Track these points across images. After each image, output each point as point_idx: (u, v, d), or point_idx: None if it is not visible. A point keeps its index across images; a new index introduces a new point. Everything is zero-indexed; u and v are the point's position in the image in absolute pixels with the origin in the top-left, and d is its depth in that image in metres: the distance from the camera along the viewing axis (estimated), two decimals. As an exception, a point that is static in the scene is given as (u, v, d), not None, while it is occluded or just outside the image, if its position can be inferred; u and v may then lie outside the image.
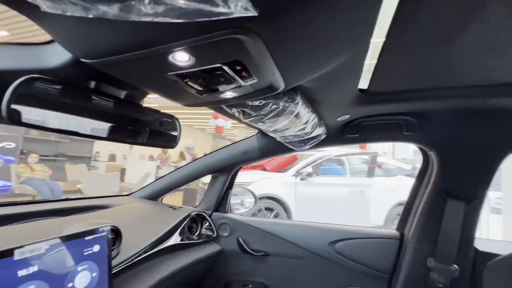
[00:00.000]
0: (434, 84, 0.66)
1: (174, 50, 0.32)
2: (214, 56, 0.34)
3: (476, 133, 0.82)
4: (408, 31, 0.43)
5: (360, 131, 0.93)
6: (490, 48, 0.48)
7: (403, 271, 0.97)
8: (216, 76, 0.40)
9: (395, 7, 0.39)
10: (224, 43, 0.30)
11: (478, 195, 0.86)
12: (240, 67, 0.37)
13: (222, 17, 0.22)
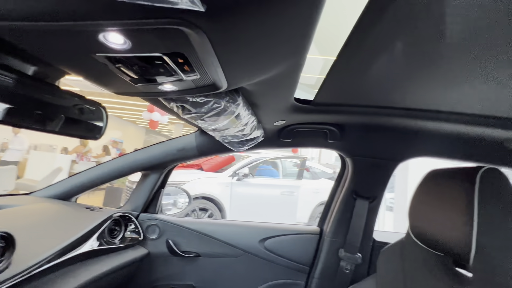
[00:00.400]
0: (358, 102, 0.79)
1: (107, 30, 0.28)
2: (154, 44, 0.32)
3: (380, 145, 1.01)
4: (355, 56, 0.50)
5: (293, 137, 1.02)
6: (397, 77, 0.60)
7: (320, 262, 1.10)
8: (155, 65, 0.37)
9: (347, 34, 0.44)
10: (167, 32, 0.28)
11: (378, 195, 1.06)
12: (182, 60, 0.35)
13: (167, 5, 0.21)
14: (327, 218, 1.18)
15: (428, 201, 0.75)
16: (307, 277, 1.13)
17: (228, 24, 0.30)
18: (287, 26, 0.35)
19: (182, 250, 1.12)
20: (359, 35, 0.42)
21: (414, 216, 0.80)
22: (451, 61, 0.48)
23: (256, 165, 4.35)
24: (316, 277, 1.09)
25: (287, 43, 0.40)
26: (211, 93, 0.51)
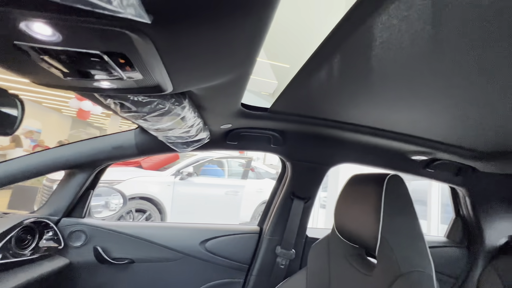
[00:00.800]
0: (303, 112, 0.87)
1: (30, 20, 0.25)
2: (91, 42, 0.29)
3: (315, 151, 1.13)
4: (314, 73, 0.55)
5: (239, 140, 1.05)
6: (342, 96, 0.69)
7: (259, 259, 1.16)
8: (91, 61, 0.34)
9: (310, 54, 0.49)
10: (108, 32, 0.27)
11: (312, 196, 1.18)
12: (124, 61, 0.34)
13: (108, 13, 0.20)
14: (267, 218, 1.25)
15: (349, 202, 0.88)
16: (246, 275, 1.18)
17: (176, 34, 0.30)
18: (235, 41, 0.37)
19: (113, 257, 1.03)
20: (321, 56, 0.48)
21: (338, 215, 0.93)
22: (386, 88, 0.59)
23: (201, 164, 4.26)
24: (254, 274, 1.15)
25: (235, 55, 0.42)
26: (155, 94, 0.49)
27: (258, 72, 8.48)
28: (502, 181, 1.26)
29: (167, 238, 1.11)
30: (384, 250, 0.71)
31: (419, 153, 1.09)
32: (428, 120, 0.79)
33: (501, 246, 1.33)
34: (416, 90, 0.57)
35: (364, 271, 0.80)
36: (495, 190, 1.31)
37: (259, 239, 1.21)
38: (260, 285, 1.14)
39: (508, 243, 1.35)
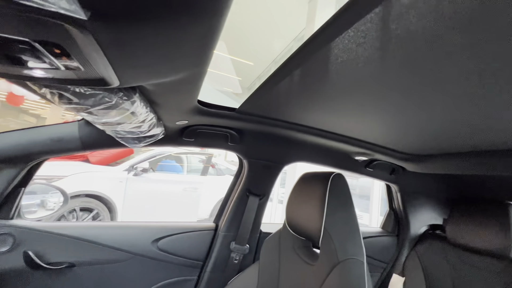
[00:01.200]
0: (259, 112, 0.90)
1: None
2: (20, 29, 0.27)
3: (271, 150, 1.18)
4: (284, 78, 0.58)
5: (196, 137, 1.04)
6: (306, 101, 0.73)
7: (213, 256, 1.17)
8: (21, 48, 0.31)
9: (284, 59, 0.51)
10: (41, 22, 0.25)
11: (266, 193, 1.23)
12: (60, 51, 0.31)
13: (38, 6, 0.19)
14: (222, 214, 1.26)
15: (299, 198, 0.95)
16: (200, 272, 1.18)
17: (119, 31, 0.29)
18: (186, 39, 0.37)
19: (50, 262, 0.93)
20: (288, 67, 0.52)
21: (289, 210, 0.99)
22: (339, 98, 0.66)
23: (158, 159, 4.05)
24: (209, 270, 1.16)
25: (187, 54, 0.42)
26: (100, 87, 0.47)
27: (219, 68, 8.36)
28: (425, 179, 1.49)
29: (115, 238, 1.05)
30: (326, 241, 0.79)
31: (361, 154, 1.22)
32: (369, 126, 0.89)
33: (422, 233, 1.58)
34: (362, 102, 0.65)
35: (309, 261, 0.88)
36: (419, 186, 1.54)
37: (215, 235, 1.22)
38: (214, 281, 1.16)
39: (427, 231, 1.60)
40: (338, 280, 0.69)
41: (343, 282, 0.68)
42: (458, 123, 0.69)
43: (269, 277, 0.99)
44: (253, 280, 1.03)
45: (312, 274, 0.81)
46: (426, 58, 0.40)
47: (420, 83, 0.48)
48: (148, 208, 3.64)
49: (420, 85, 0.49)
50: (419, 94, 0.54)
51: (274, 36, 6.54)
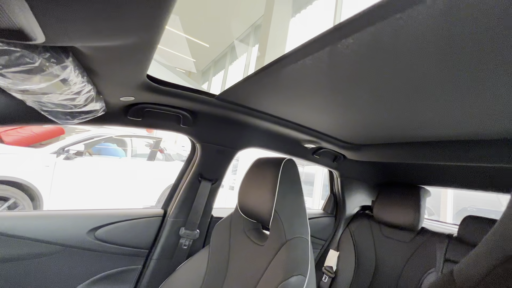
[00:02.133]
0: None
1: None
2: None
3: (225, 135, 1.16)
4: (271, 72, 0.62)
5: (144, 116, 0.95)
6: (250, 84, 0.72)
7: (161, 243, 1.12)
8: None
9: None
10: None
11: (219, 178, 1.22)
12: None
13: None
14: (172, 200, 1.21)
15: (252, 183, 0.97)
16: (145, 261, 1.12)
17: None
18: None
19: None
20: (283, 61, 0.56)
21: (241, 194, 1.00)
22: (295, 89, 0.70)
23: (96, 142, 3.60)
24: (155, 258, 1.11)
25: (136, 15, 0.36)
26: (17, 42, 0.37)
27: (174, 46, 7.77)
28: (361, 166, 1.69)
29: (38, 230, 0.90)
30: (275, 222, 0.83)
31: (310, 142, 1.30)
32: (319, 116, 0.95)
33: (355, 213, 1.81)
34: (314, 95, 0.71)
35: (258, 242, 0.91)
36: (355, 173, 1.74)
37: (163, 222, 1.17)
38: (160, 268, 1.11)
39: (359, 211, 1.84)
40: (286, 256, 0.74)
41: (290, 257, 0.73)
42: (389, 118, 0.82)
43: (219, 260, 1.00)
44: (202, 264, 1.02)
45: (261, 253, 0.85)
46: (363, 67, 0.51)
47: (359, 88, 0.62)
48: (83, 196, 3.24)
49: (358, 88, 0.62)
50: (358, 95, 0.66)
51: (232, 21, 6.34)
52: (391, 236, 1.52)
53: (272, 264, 0.77)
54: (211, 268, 1.00)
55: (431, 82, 0.52)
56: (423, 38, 0.38)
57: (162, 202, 1.24)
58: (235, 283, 0.90)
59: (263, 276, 0.78)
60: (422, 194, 1.47)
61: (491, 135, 0.83)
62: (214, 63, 9.02)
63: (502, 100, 0.55)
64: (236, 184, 4.96)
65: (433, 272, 1.25)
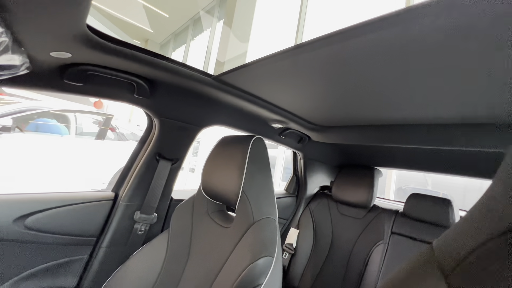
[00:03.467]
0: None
1: None
2: None
3: (188, 110, 1.05)
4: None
5: (86, 81, 0.78)
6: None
7: (112, 229, 1.00)
8: None
9: None
10: None
11: (180, 157, 1.11)
12: None
13: None
14: (124, 182, 1.07)
15: (217, 162, 0.90)
16: (92, 249, 0.99)
17: None
18: None
19: None
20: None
21: (205, 174, 0.93)
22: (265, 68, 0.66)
23: (29, 116, 3.06)
24: (105, 246, 0.98)
25: None
26: None
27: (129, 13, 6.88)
28: (323, 148, 1.74)
29: None
30: (243, 203, 0.79)
31: (278, 121, 1.27)
32: (289, 96, 0.91)
33: (315, 193, 1.89)
34: (287, 75, 0.70)
35: (224, 225, 0.86)
36: (318, 154, 1.79)
37: (113, 206, 1.03)
38: (112, 257, 1.00)
39: (318, 191, 1.92)
40: (253, 237, 0.71)
41: (258, 239, 0.70)
42: (354, 101, 0.83)
43: (180, 244, 0.93)
44: (161, 249, 0.94)
45: (227, 236, 0.81)
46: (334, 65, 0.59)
47: (328, 71, 0.65)
48: (10, 180, 2.76)
49: (327, 71, 0.65)
50: (327, 77, 0.68)
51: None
52: (346, 213, 1.62)
53: (239, 246, 0.73)
54: (171, 253, 0.92)
55: (391, 78, 0.63)
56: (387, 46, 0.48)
57: (113, 184, 1.09)
58: (198, 267, 0.84)
59: (229, 258, 0.75)
60: (375, 175, 1.59)
61: (445, 120, 0.90)
62: (175, 36, 8.31)
63: (454, 89, 0.63)
64: (197, 166, 4.80)
65: (381, 244, 1.38)
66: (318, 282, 1.51)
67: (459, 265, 0.28)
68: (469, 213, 0.30)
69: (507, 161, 0.26)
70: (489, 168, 1.25)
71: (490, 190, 0.28)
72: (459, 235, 0.29)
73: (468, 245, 0.27)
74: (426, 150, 1.29)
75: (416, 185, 8.68)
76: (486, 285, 0.25)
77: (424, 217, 1.33)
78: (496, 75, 0.51)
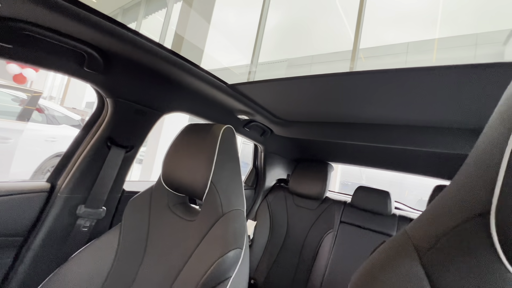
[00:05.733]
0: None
1: None
2: None
3: (150, 92, 0.94)
4: None
5: (17, 42, 0.62)
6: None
7: (46, 226, 0.84)
8: None
9: None
10: None
11: (136, 145, 1.00)
12: None
13: None
14: (65, 171, 0.91)
15: (182, 151, 0.83)
16: (17, 252, 0.81)
17: None
18: None
19: None
20: None
21: (168, 164, 0.86)
22: None
23: None
24: (35, 247, 0.82)
25: None
26: None
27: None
28: (283, 142, 1.80)
29: None
30: (211, 195, 0.75)
31: (244, 113, 1.25)
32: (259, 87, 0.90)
33: (272, 186, 1.94)
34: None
35: (187, 218, 0.81)
36: (278, 148, 1.84)
37: (49, 199, 0.87)
38: (45, 259, 0.84)
39: (276, 183, 1.99)
40: (224, 230, 0.68)
41: (229, 231, 0.68)
42: (315, 98, 0.87)
43: (135, 240, 0.84)
44: (110, 246, 0.83)
45: (191, 229, 0.76)
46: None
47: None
48: None
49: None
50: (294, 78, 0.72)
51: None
52: (301, 205, 1.72)
53: (206, 240, 0.69)
54: (123, 251, 0.83)
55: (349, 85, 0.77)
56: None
57: (42, 173, 0.91)
58: (157, 264, 0.77)
59: (194, 253, 0.70)
60: (328, 169, 1.71)
61: (396, 121, 1.01)
62: (123, 11, 7.39)
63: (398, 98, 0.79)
64: (145, 157, 4.43)
65: (331, 232, 1.51)
66: (273, 271, 1.57)
67: (435, 245, 0.31)
68: (441, 200, 0.34)
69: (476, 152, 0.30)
70: (423, 164, 1.48)
71: (458, 180, 0.32)
72: (434, 219, 0.33)
73: (443, 227, 0.31)
74: (372, 148, 1.45)
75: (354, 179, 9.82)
76: (458, 261, 0.28)
77: (369, 207, 1.49)
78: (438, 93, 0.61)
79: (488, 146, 0.27)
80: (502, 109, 0.27)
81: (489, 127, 0.29)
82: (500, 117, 0.27)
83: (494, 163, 0.25)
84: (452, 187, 0.32)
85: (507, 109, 0.26)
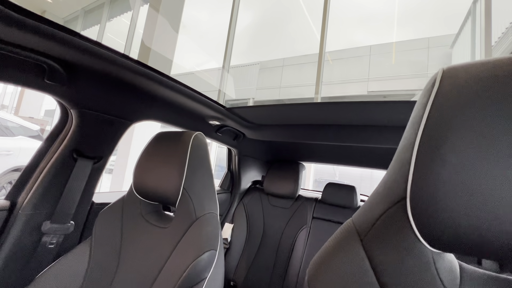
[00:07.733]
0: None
1: None
2: None
3: (116, 101, 0.93)
4: None
5: None
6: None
7: (6, 247, 0.79)
8: None
9: None
10: None
11: (104, 155, 0.98)
12: None
13: None
14: (26, 187, 0.87)
15: (153, 159, 0.84)
16: None
17: None
18: None
19: None
20: None
21: (139, 173, 0.86)
22: None
23: None
24: None
25: None
26: None
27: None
28: (256, 144, 1.85)
29: None
30: (184, 201, 0.77)
31: (215, 118, 1.28)
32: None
33: (248, 188, 1.99)
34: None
35: (161, 225, 0.82)
36: (252, 151, 1.89)
37: (9, 217, 0.82)
38: (9, 280, 0.79)
39: (251, 185, 2.03)
40: (197, 234, 0.71)
41: (202, 234, 0.70)
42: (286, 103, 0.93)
43: (107, 253, 0.83)
44: (81, 261, 0.81)
45: (165, 236, 0.77)
46: None
47: None
48: None
49: None
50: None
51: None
52: (276, 204, 1.78)
53: (181, 244, 0.71)
54: (95, 264, 0.81)
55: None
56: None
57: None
58: (131, 274, 0.77)
59: (169, 258, 0.72)
60: (300, 168, 1.80)
61: (362, 122, 1.12)
62: (85, 13, 6.98)
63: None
64: (115, 166, 4.22)
65: (305, 228, 1.59)
66: (251, 271, 1.61)
67: (371, 229, 0.37)
68: (376, 191, 0.40)
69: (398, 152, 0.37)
70: (378, 159, 1.62)
71: (388, 172, 0.38)
72: (371, 206, 0.39)
73: (376, 213, 0.37)
74: (337, 146, 1.56)
75: (328, 176, 10.26)
76: (387, 240, 0.35)
77: (337, 202, 1.60)
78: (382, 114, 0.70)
79: (405, 145, 0.34)
80: (413, 115, 0.34)
81: (406, 130, 0.36)
82: (411, 122, 0.34)
83: (407, 160, 0.32)
84: (385, 178, 0.39)
85: (415, 116, 0.33)
